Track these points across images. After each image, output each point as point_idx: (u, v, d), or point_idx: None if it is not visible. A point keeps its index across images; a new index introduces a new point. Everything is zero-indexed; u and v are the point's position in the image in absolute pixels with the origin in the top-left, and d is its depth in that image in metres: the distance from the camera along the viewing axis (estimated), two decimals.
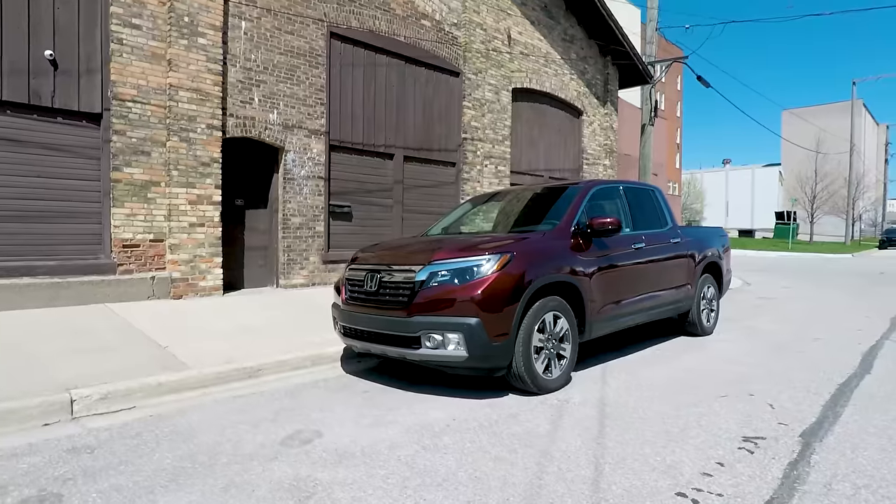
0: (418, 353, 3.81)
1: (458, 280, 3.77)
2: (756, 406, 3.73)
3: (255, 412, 3.63)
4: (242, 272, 8.07)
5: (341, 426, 3.34)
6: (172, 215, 6.91)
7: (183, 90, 6.91)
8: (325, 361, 5.09)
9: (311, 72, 8.35)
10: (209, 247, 7.21)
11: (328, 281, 8.73)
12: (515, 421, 3.44)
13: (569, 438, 3.14)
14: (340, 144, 8.91)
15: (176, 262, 6.94)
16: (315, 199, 8.50)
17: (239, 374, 4.55)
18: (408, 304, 3.84)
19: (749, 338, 6.17)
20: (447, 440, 3.12)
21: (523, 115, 12.67)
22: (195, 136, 7.04)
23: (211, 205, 7.23)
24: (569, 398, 3.91)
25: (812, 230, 39.69)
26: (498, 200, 5.86)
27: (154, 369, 4.34)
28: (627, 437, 3.15)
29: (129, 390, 3.97)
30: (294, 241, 8.30)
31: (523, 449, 2.99)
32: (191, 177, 7.03)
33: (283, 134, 8.06)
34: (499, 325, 3.70)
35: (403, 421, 3.44)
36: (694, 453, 2.92)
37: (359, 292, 4.26)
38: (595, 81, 14.69)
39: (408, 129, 9.99)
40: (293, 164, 8.22)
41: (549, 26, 12.95)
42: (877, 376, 4.48)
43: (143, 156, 6.72)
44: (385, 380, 4.43)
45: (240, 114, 7.57)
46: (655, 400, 3.87)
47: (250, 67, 7.66)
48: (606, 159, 15.34)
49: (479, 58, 11.06)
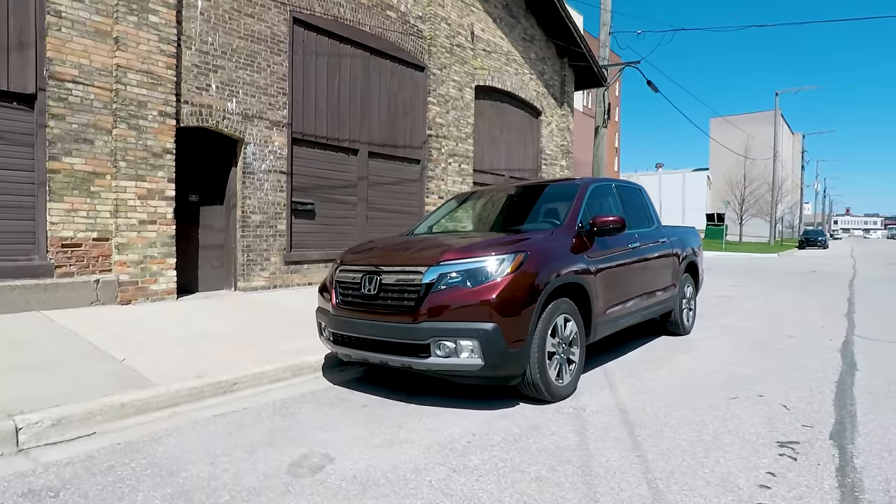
0: (427, 363, 3.48)
1: (471, 282, 3.47)
2: (771, 408, 3.66)
3: (246, 434, 3.18)
4: (196, 274, 7.41)
5: (352, 448, 2.96)
6: (119, 211, 6.19)
7: (132, 72, 6.21)
8: (305, 372, 4.65)
9: (272, 59, 7.78)
10: (161, 246, 6.54)
11: (290, 283, 8.19)
12: (539, 434, 3.19)
13: (604, 452, 2.92)
14: (303, 138, 8.38)
15: (124, 263, 6.23)
16: (276, 195, 7.94)
17: (213, 390, 4.04)
18: (414, 308, 3.50)
19: (727, 336, 6.23)
20: (475, 460, 2.82)
21: (485, 114, 12.51)
22: (146, 124, 6.35)
23: (163, 200, 6.55)
24: (584, 406, 3.70)
25: (741, 231, 42.20)
26: (485, 198, 5.60)
27: (113, 387, 3.77)
28: (663, 448, 2.97)
29: (88, 413, 3.40)
30: (254, 240, 7.70)
31: (562, 466, 2.74)
32: (140, 169, 6.33)
33: (243, 125, 7.46)
34: (516, 331, 3.43)
35: (419, 439, 3.10)
36: (739, 463, 2.77)
37: (354, 296, 3.87)
38: (553, 82, 14.78)
39: (373, 123, 9.57)
40: (253, 158, 7.63)
41: (510, 25, 12.87)
42: (865, 373, 4.57)
43: (86, 144, 5.98)
44: (380, 391, 4.06)
45: (195, 101, 6.92)
46: (672, 405, 3.73)
47: (207, 51, 7.02)
48: (563, 160, 15.48)
49: (443, 53, 10.79)
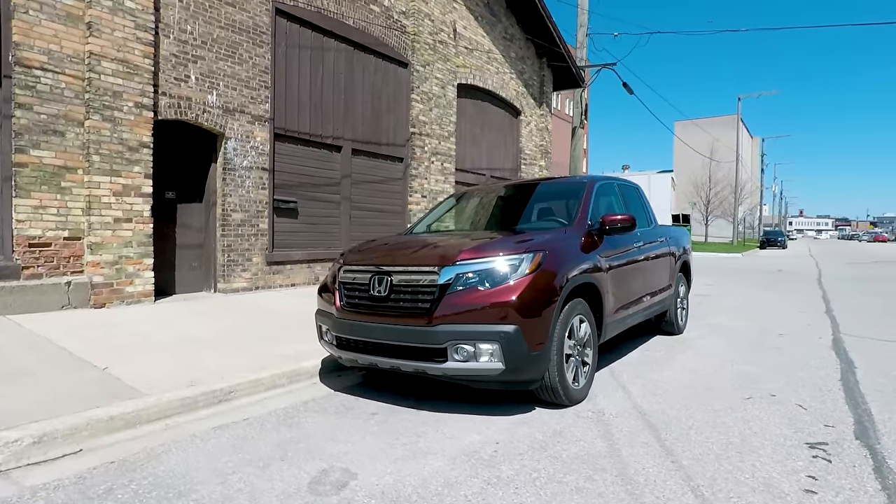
0: (443, 368, 3.30)
1: (489, 282, 3.32)
2: (788, 408, 3.63)
3: (254, 448, 2.94)
4: (174, 275, 7.03)
5: (372, 461, 2.77)
6: (93, 208, 5.79)
7: (106, 60, 5.82)
8: (302, 378, 4.42)
9: (254, 50, 7.46)
10: (138, 246, 6.15)
11: (272, 284, 7.87)
12: (564, 440, 3.06)
13: (638, 458, 2.81)
14: (286, 133, 8.08)
15: (97, 263, 5.83)
16: (258, 192, 7.62)
17: (207, 399, 3.77)
18: (429, 310, 3.32)
19: (720, 335, 6.26)
20: (507, 470, 2.66)
21: (467, 112, 12.39)
22: (121, 116, 5.97)
23: (140, 197, 6.18)
24: (601, 409, 3.60)
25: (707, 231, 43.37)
26: (485, 196, 5.45)
27: (97, 398, 3.47)
28: (696, 453, 2.88)
29: (73, 428, 3.10)
30: (235, 239, 7.36)
31: (599, 475, 2.61)
32: (115, 163, 5.95)
33: (224, 118, 7.12)
34: (538, 333, 3.30)
35: (441, 448, 2.93)
36: (776, 467, 2.70)
37: (360, 298, 3.67)
38: (532, 82, 14.77)
39: (356, 120, 9.32)
40: (234, 154, 7.29)
41: (491, 23, 12.78)
42: (865, 371, 4.60)
43: (56, 136, 5.57)
44: (386, 397, 3.86)
45: (174, 92, 6.55)
46: (690, 406, 3.66)
47: (186, 40, 6.66)
48: (542, 160, 15.50)
49: (427, 49, 10.61)
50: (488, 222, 5.00)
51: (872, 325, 6.90)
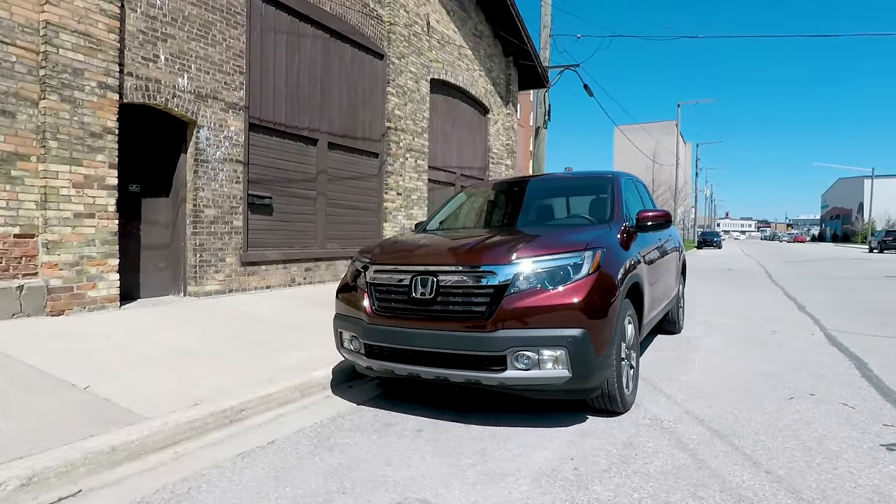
0: (501, 377, 2.99)
1: (551, 283, 3.03)
2: (836, 407, 3.57)
3: (301, 480, 2.51)
4: (138, 278, 6.31)
5: (448, 488, 2.41)
6: (49, 202, 5.06)
7: (66, 32, 5.10)
8: (315, 391, 3.98)
9: (228, 32, 6.84)
10: (101, 245, 5.45)
11: (247, 287, 7.26)
12: (642, 452, 2.82)
13: (729, 469, 2.60)
14: (261, 123, 7.48)
15: (54, 265, 5.10)
16: (232, 187, 6.99)
17: (217, 421, 3.28)
18: (486, 314, 3.00)
19: (718, 334, 6.27)
20: (602, 491, 2.39)
21: (439, 109, 12.08)
22: (82, 97, 5.25)
23: (104, 189, 5.47)
24: (656, 416, 3.40)
25: None
26: (499, 192, 5.16)
27: (89, 424, 2.91)
28: (783, 460, 2.72)
29: (68, 464, 2.56)
30: (207, 238, 6.71)
31: (703, 492, 2.38)
32: (76, 150, 5.22)
33: (196, 105, 6.46)
34: (604, 336, 3.05)
35: (516, 469, 2.62)
36: (871, 472, 2.57)
37: (398, 301, 3.29)
38: (499, 80, 14.65)
39: (332, 112, 8.80)
40: (207, 144, 6.64)
41: (462, 19, 12.54)
42: (881, 367, 4.62)
43: (4, 117, 4.81)
44: (421, 410, 3.50)
45: (141, 73, 5.86)
46: (740, 408, 3.53)
47: (155, 16, 5.98)
48: (508, 159, 15.42)
49: (402, 42, 10.22)
50: (512, 219, 4.68)
51: (852, 320, 7.15)
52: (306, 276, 8.29)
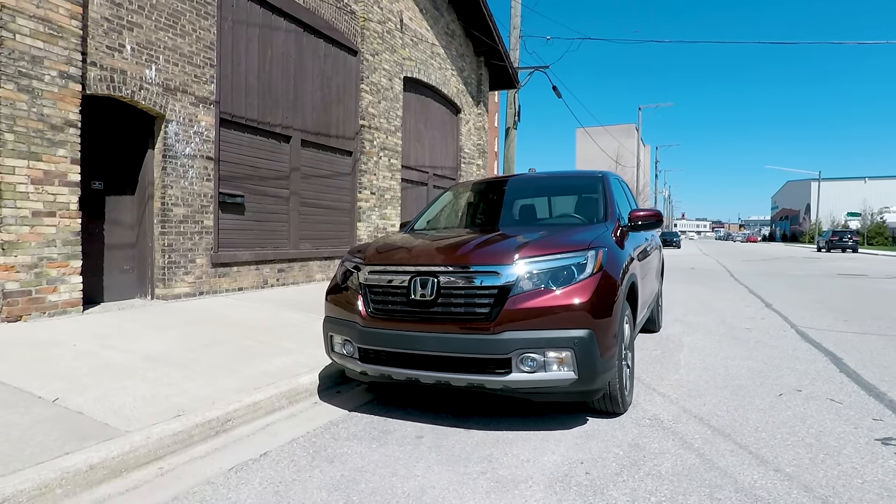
0: (505, 381, 2.90)
1: (555, 283, 2.97)
2: (824, 403, 3.64)
3: (306, 496, 2.35)
4: (101, 280, 5.95)
5: (460, 498, 2.31)
6: (5, 199, 4.70)
7: (23, 17, 4.74)
8: (302, 397, 3.81)
9: (198, 22, 6.53)
10: (63, 245, 5.10)
11: (218, 289, 6.96)
12: (650, 454, 2.78)
13: (739, 469, 2.59)
14: (232, 119, 7.19)
15: (11, 267, 4.74)
16: (203, 185, 6.69)
17: (203, 432, 3.08)
18: (490, 316, 2.91)
19: (696, 331, 6.37)
20: (619, 496, 2.33)
21: (412, 107, 11.95)
22: (41, 87, 4.90)
23: (65, 186, 5.12)
24: (656, 416, 3.38)
25: None
26: (486, 191, 5.09)
27: (63, 441, 2.68)
28: (787, 458, 2.73)
29: (43, 486, 2.34)
30: (177, 238, 6.39)
31: (719, 493, 2.35)
32: (35, 144, 4.87)
33: (164, 98, 6.15)
34: (609, 337, 3.00)
35: (526, 475, 2.53)
36: (873, 467, 2.60)
37: (396, 303, 3.16)
38: (471, 80, 14.62)
39: (306, 108, 8.56)
40: (176, 139, 6.33)
41: (434, 17, 12.44)
42: (856, 362, 4.77)
43: None
44: (418, 416, 3.39)
45: (106, 63, 5.53)
46: (736, 407, 3.55)
47: (120, 3, 5.65)
48: (480, 159, 15.40)
49: (376, 38, 10.04)
50: (505, 218, 4.60)
51: (818, 317, 7.40)
52: (279, 278, 8.02)
